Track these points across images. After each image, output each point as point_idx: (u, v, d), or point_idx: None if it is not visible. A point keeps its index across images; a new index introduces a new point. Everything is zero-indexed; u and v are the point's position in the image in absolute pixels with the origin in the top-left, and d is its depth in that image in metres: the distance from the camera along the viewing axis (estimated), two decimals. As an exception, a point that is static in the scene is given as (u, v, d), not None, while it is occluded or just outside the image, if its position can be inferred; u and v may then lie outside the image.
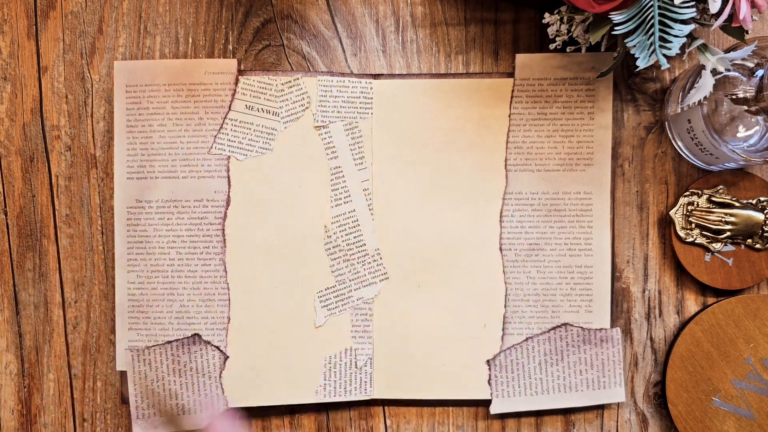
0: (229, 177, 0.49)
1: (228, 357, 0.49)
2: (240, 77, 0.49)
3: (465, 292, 0.49)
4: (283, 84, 0.49)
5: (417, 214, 0.49)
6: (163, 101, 0.49)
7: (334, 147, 0.49)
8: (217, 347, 0.49)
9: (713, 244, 0.48)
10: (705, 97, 0.41)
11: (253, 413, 0.50)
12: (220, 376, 0.49)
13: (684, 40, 0.37)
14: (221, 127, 0.49)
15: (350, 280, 0.49)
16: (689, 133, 0.45)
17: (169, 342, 0.49)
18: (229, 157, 0.49)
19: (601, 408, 0.50)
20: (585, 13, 0.43)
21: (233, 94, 0.49)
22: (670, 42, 0.37)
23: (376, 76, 0.49)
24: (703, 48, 0.40)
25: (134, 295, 0.49)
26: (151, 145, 0.49)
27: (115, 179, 0.49)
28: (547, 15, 0.45)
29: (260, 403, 0.49)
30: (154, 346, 0.49)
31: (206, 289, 0.49)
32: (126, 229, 0.49)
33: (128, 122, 0.49)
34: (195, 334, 0.49)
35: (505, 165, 0.49)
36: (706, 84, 0.40)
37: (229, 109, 0.49)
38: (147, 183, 0.49)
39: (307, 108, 0.49)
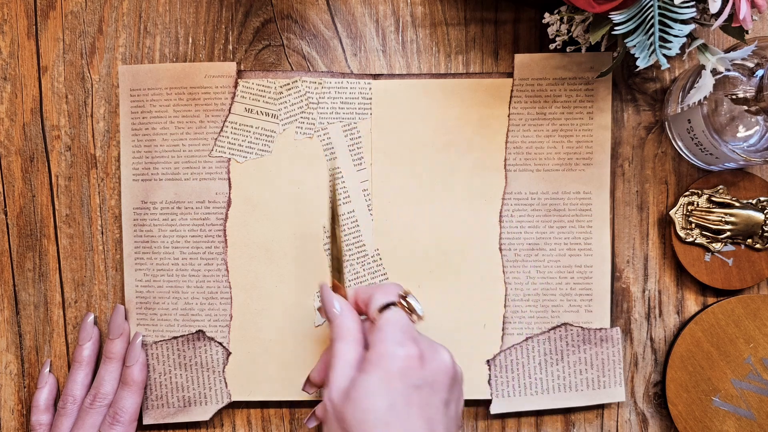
0: (229, 179, 0.49)
1: (230, 353, 0.49)
2: (239, 80, 0.49)
3: (464, 292, 0.49)
4: (281, 86, 0.49)
5: (416, 215, 0.49)
6: (165, 105, 0.49)
7: (332, 148, 0.49)
8: (220, 343, 0.49)
9: (713, 244, 0.48)
10: (705, 97, 0.41)
11: (254, 413, 0.50)
12: (223, 371, 0.49)
13: (684, 40, 0.37)
14: (221, 130, 0.49)
15: (349, 281, 0.49)
16: (689, 133, 0.45)
17: (175, 338, 0.49)
18: (230, 159, 0.49)
19: (601, 408, 0.50)
20: (585, 13, 0.43)
21: (233, 97, 0.49)
22: (670, 42, 0.37)
23: (376, 76, 0.49)
24: (703, 48, 0.40)
25: (141, 293, 0.49)
26: (154, 147, 0.49)
27: (122, 181, 0.49)
28: (547, 15, 0.45)
29: (261, 398, 0.49)
30: (161, 341, 0.49)
31: (209, 288, 0.49)
32: (133, 230, 0.49)
33: (133, 125, 0.49)
34: (199, 331, 0.49)
35: (505, 165, 0.49)
36: (706, 84, 0.40)
37: (229, 112, 0.49)
38: (152, 185, 0.49)
39: (304, 111, 0.49)
